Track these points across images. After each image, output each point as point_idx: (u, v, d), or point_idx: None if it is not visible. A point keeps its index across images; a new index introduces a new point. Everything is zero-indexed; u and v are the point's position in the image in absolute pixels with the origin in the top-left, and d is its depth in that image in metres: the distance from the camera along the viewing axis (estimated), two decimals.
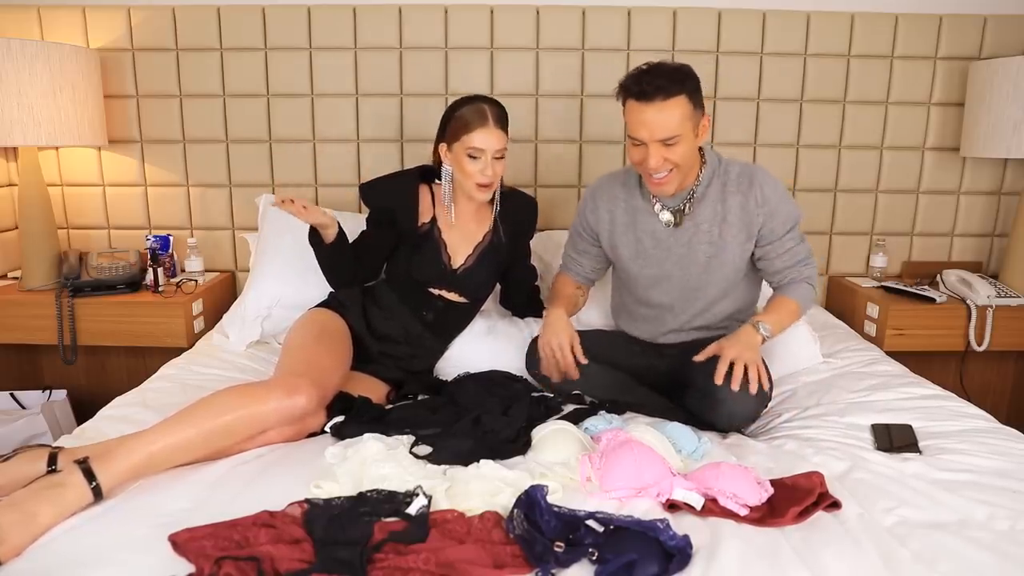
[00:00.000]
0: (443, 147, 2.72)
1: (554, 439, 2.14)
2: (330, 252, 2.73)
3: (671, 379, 2.65)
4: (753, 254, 2.61)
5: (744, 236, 2.55)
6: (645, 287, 2.69)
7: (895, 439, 2.20)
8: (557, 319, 2.62)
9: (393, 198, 2.77)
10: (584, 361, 2.54)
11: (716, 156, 2.59)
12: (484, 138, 2.60)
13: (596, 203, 2.73)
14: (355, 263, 2.79)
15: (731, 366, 2.32)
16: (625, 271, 2.74)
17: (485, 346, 2.89)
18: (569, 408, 2.49)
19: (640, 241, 2.64)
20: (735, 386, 2.29)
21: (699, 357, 2.44)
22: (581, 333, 2.67)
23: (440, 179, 2.80)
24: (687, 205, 2.57)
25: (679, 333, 2.71)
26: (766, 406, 2.49)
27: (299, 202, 2.59)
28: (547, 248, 3.41)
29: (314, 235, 2.72)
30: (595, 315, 3.09)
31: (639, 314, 2.78)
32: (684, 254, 2.59)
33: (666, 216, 2.60)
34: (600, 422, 2.30)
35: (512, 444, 2.18)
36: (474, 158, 2.62)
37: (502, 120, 2.65)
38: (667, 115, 2.32)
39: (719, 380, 2.30)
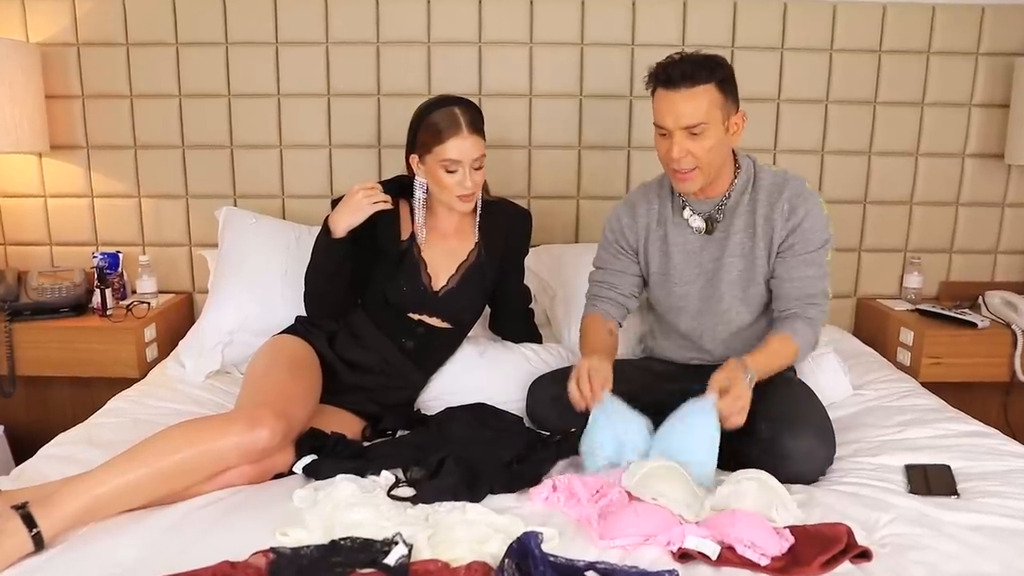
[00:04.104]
0: (414, 159, 2.72)
1: (662, 474, 2.15)
2: (342, 257, 2.72)
3: None
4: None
5: (769, 251, 2.61)
6: (675, 312, 2.75)
7: (931, 482, 2.22)
8: (595, 359, 2.53)
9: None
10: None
11: (752, 163, 2.67)
12: (459, 148, 2.60)
13: (635, 213, 2.78)
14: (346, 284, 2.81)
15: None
16: (652, 293, 2.80)
17: (474, 375, 2.89)
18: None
19: (669, 257, 2.71)
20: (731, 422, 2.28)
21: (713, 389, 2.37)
22: None
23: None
24: (719, 213, 2.65)
25: (716, 358, 2.70)
26: (831, 463, 2.45)
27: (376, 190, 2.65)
28: (543, 265, 3.44)
29: (327, 235, 2.70)
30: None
31: (671, 339, 2.83)
32: (714, 270, 2.66)
33: (697, 223, 2.67)
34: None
35: (501, 478, 2.22)
36: (451, 171, 2.63)
37: (477, 124, 2.66)
38: (694, 102, 2.43)
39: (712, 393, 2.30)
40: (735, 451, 2.43)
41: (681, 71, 2.43)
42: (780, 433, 2.31)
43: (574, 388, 2.44)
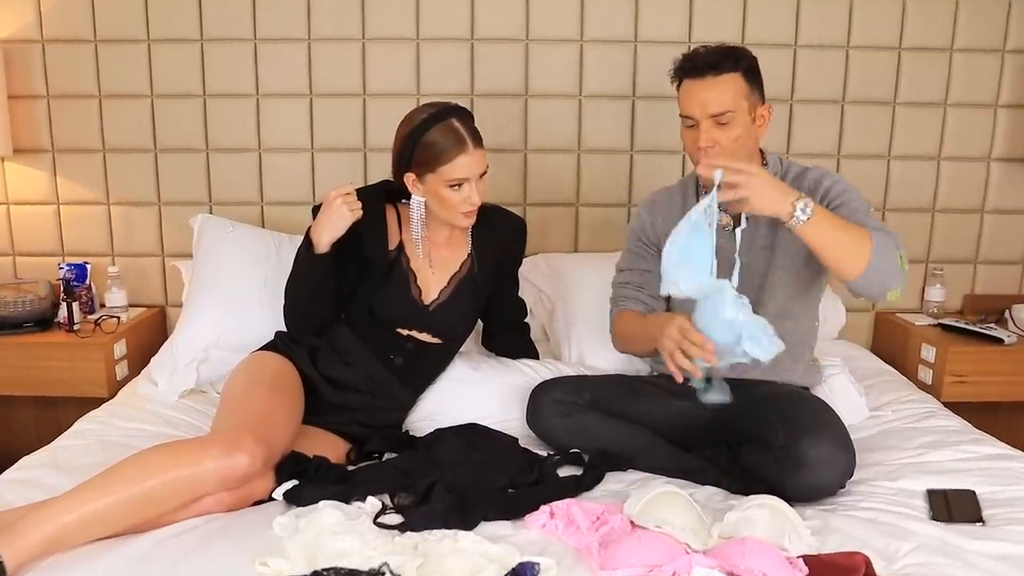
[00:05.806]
0: (410, 178, 2.69)
1: (667, 501, 2.16)
2: (326, 271, 2.71)
3: (720, 428, 2.65)
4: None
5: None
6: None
7: (955, 508, 2.23)
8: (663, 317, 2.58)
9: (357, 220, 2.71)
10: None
11: (778, 158, 2.81)
12: (467, 165, 2.60)
13: (654, 214, 2.87)
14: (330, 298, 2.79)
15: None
16: None
17: (468, 392, 2.88)
18: (566, 472, 2.51)
19: None
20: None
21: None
22: (589, 379, 2.85)
23: (405, 200, 2.78)
24: None
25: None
26: (851, 475, 2.45)
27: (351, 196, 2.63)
28: (540, 275, 3.45)
29: (310, 248, 2.67)
30: (607, 359, 3.12)
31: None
32: (741, 263, 2.58)
33: (723, 218, 2.69)
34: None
35: (495, 504, 2.22)
36: (457, 187, 2.63)
37: (478, 134, 2.65)
38: (719, 90, 2.55)
39: (704, 171, 2.34)
40: (748, 460, 2.47)
41: (706, 60, 2.56)
42: (798, 439, 2.32)
43: (678, 358, 2.36)
